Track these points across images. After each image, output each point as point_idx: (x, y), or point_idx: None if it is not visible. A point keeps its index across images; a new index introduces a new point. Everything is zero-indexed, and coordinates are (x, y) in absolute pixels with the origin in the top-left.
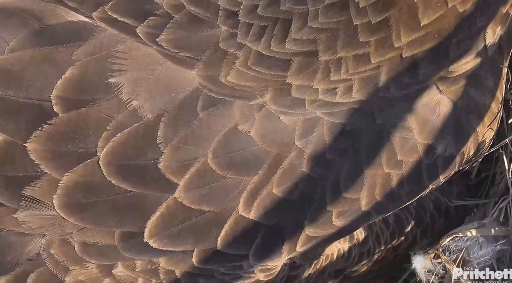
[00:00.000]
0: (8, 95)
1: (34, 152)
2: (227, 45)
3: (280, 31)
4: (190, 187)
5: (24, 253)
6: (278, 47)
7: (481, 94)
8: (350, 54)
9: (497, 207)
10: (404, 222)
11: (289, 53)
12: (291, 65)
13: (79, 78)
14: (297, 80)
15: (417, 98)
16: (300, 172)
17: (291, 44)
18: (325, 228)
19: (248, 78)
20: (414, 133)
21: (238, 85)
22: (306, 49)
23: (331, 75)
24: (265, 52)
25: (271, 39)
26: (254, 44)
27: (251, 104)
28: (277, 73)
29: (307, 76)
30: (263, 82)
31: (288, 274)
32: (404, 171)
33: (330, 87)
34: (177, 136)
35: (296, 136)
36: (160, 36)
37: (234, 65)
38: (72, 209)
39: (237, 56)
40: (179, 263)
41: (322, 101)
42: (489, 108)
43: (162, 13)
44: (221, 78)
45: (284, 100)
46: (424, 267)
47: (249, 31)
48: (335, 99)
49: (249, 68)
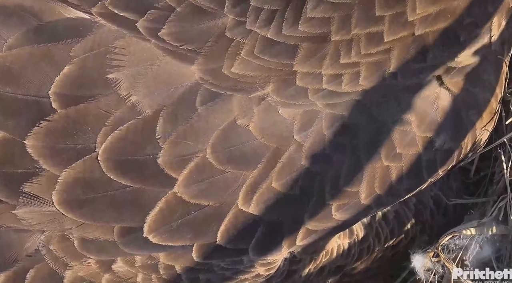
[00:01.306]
0: (6, 92)
1: (32, 149)
2: (234, 33)
3: (292, 13)
4: (189, 182)
5: (23, 249)
6: (290, 31)
7: (481, 89)
8: (363, 31)
9: (496, 206)
10: (404, 218)
11: (299, 37)
12: (299, 52)
13: (77, 74)
14: (304, 68)
15: (418, 91)
16: (299, 166)
17: (304, 25)
18: (324, 222)
19: (253, 68)
20: (412, 126)
21: (241, 76)
22: (318, 32)
23: (341, 58)
24: (275, 38)
25: (282, 23)
26: (263, 30)
27: (250, 97)
28: (283, 62)
29: (314, 63)
30: (266, 72)
31: (288, 268)
32: (403, 164)
33: (337, 73)
34: (176, 131)
35: (295, 129)
36: (162, 30)
37: (239, 55)
38: (71, 205)
39: (242, 45)
40: (179, 258)
41: (326, 91)
42: (489, 103)
43: (163, 6)
44: (224, 70)
45: (287, 90)
46: (423, 266)
47: (258, 16)
48: (340, 88)
49: (255, 57)
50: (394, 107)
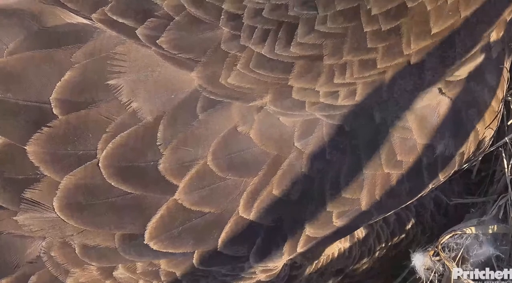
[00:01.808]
0: (7, 98)
1: (33, 155)
2: (229, 46)
3: (284, 34)
4: (190, 189)
5: (24, 255)
6: (282, 51)
7: (482, 92)
8: (356, 58)
9: (496, 205)
10: (405, 220)
11: (292, 56)
12: (294, 68)
13: (79, 80)
14: (299, 83)
15: (418, 99)
16: (299, 173)
17: (296, 48)
18: (325, 229)
19: (249, 80)
20: (413, 133)
21: (238, 87)
22: (310, 53)
23: (335, 78)
24: (269, 55)
25: (275, 43)
26: (258, 46)
27: (250, 105)
28: (278, 76)
29: (309, 79)
30: (263, 85)
31: (289, 274)
32: (404, 171)
33: (333, 90)
34: (176, 138)
35: (295, 137)
36: (160, 37)
37: (235, 67)
38: (72, 211)
39: (238, 58)
40: (180, 265)
41: (323, 104)
42: (490, 106)
43: (162, 14)
44: (221, 80)
45: (284, 101)
46: (423, 265)
47: (252, 33)
48: (337, 102)
49: (251, 70)
50: (394, 115)
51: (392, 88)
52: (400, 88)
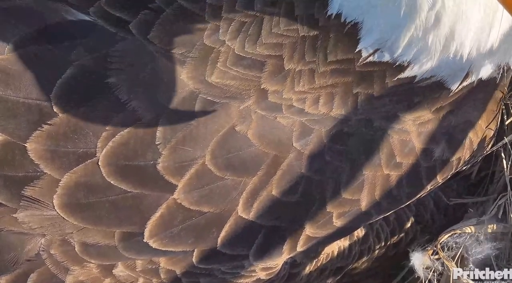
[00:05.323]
0: (8, 95)
1: (34, 152)
2: (212, 41)
3: (255, 30)
4: (190, 188)
5: (23, 253)
6: (252, 49)
7: (473, 108)
8: (305, 67)
9: (495, 204)
10: (404, 219)
11: (263, 55)
12: (266, 67)
13: (79, 78)
14: (272, 86)
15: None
16: (299, 173)
17: (262, 47)
18: (325, 229)
19: (230, 77)
20: (412, 136)
21: (224, 85)
22: (275, 54)
23: (296, 85)
24: (241, 53)
25: (245, 40)
26: (233, 42)
27: (246, 105)
28: (255, 74)
29: (279, 81)
30: (246, 82)
31: (289, 272)
32: (404, 172)
33: (300, 97)
34: (175, 137)
35: (294, 137)
36: (151, 32)
37: (217, 65)
38: (72, 209)
39: (220, 54)
40: (180, 263)
41: (296, 108)
42: (481, 118)
43: (154, 7)
44: (207, 78)
45: (263, 103)
46: (422, 264)
47: (229, 27)
48: (306, 109)
49: (229, 68)
50: (392, 117)
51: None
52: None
